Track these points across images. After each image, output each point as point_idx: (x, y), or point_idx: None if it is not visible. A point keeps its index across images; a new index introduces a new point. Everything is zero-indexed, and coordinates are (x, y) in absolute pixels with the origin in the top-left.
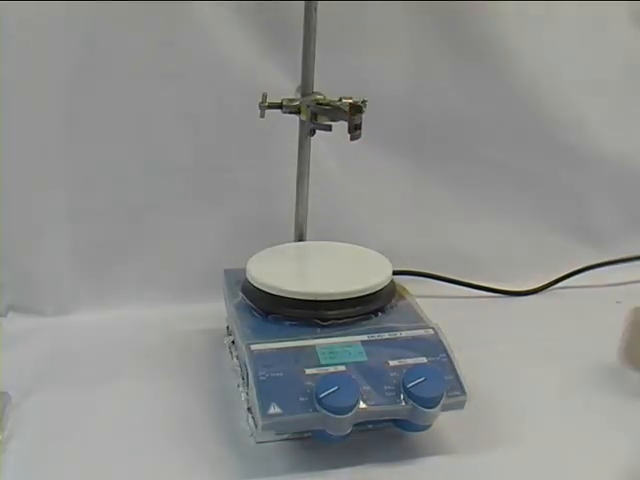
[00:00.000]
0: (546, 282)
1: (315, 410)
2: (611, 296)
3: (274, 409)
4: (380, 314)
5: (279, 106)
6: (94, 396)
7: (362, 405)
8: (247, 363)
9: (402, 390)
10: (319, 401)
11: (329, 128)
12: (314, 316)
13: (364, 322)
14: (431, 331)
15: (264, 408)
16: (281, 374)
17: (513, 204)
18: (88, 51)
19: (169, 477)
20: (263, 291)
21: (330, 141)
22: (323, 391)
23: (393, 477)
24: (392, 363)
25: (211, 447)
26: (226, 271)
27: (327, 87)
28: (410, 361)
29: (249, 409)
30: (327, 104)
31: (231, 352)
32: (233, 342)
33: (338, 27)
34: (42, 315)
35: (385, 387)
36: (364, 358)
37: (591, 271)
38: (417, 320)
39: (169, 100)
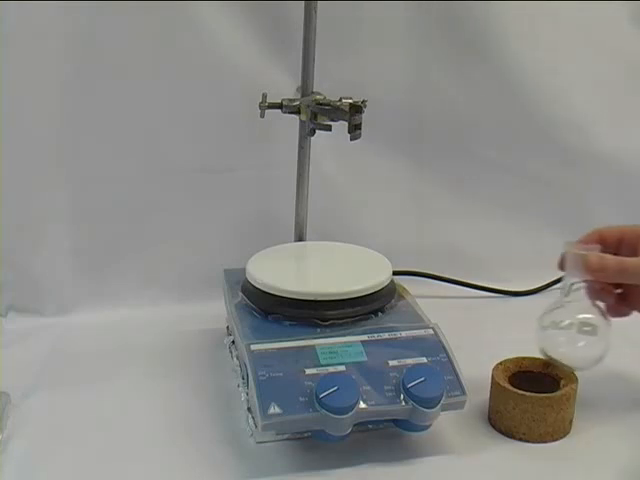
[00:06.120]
0: (546, 282)
1: (315, 410)
2: None
3: (274, 409)
4: (380, 314)
5: (279, 106)
6: (94, 396)
7: (362, 405)
8: (247, 363)
9: (402, 390)
10: (319, 401)
11: (329, 128)
12: (314, 316)
13: (364, 322)
14: (431, 331)
15: (264, 408)
16: (281, 374)
17: (513, 204)
18: (88, 51)
19: (169, 477)
20: (263, 291)
21: (330, 141)
22: (323, 391)
23: (393, 477)
24: (392, 363)
25: (211, 447)
26: (226, 271)
27: (327, 87)
28: (410, 361)
29: (249, 409)
30: (327, 104)
31: (231, 352)
32: (233, 342)
33: (338, 27)
34: (42, 315)
35: (385, 387)
36: (364, 358)
37: None
38: (417, 320)
39: (169, 100)
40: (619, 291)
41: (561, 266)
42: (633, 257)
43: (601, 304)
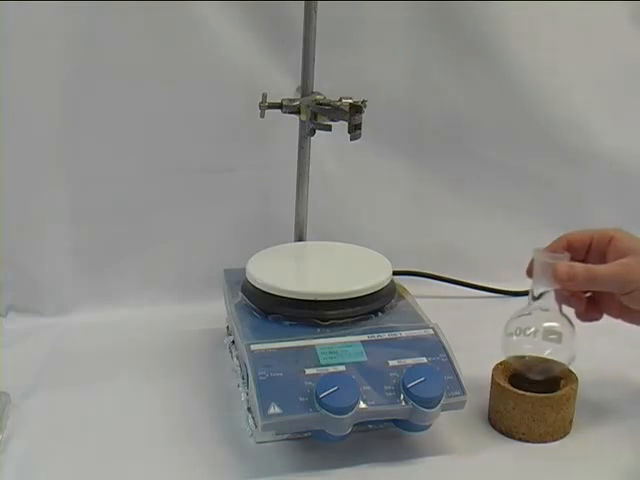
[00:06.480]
0: None
1: (315, 410)
2: None
3: (274, 409)
4: (380, 314)
5: (279, 106)
6: (94, 396)
7: (362, 405)
8: (247, 363)
9: (402, 390)
10: (319, 401)
11: (329, 128)
12: (314, 316)
13: (364, 322)
14: (431, 331)
15: (264, 408)
16: (281, 374)
17: (513, 204)
18: (88, 51)
19: (169, 477)
20: (263, 291)
21: (330, 141)
22: (323, 391)
23: (393, 477)
24: (392, 363)
25: (211, 447)
26: (226, 271)
27: (327, 87)
28: (410, 361)
29: (249, 409)
30: (327, 104)
31: (231, 352)
32: (233, 342)
33: (338, 27)
34: (42, 315)
35: (385, 387)
36: (364, 358)
37: None
38: (417, 320)
39: (169, 100)
40: (589, 295)
41: (529, 273)
42: (601, 264)
43: (569, 311)
